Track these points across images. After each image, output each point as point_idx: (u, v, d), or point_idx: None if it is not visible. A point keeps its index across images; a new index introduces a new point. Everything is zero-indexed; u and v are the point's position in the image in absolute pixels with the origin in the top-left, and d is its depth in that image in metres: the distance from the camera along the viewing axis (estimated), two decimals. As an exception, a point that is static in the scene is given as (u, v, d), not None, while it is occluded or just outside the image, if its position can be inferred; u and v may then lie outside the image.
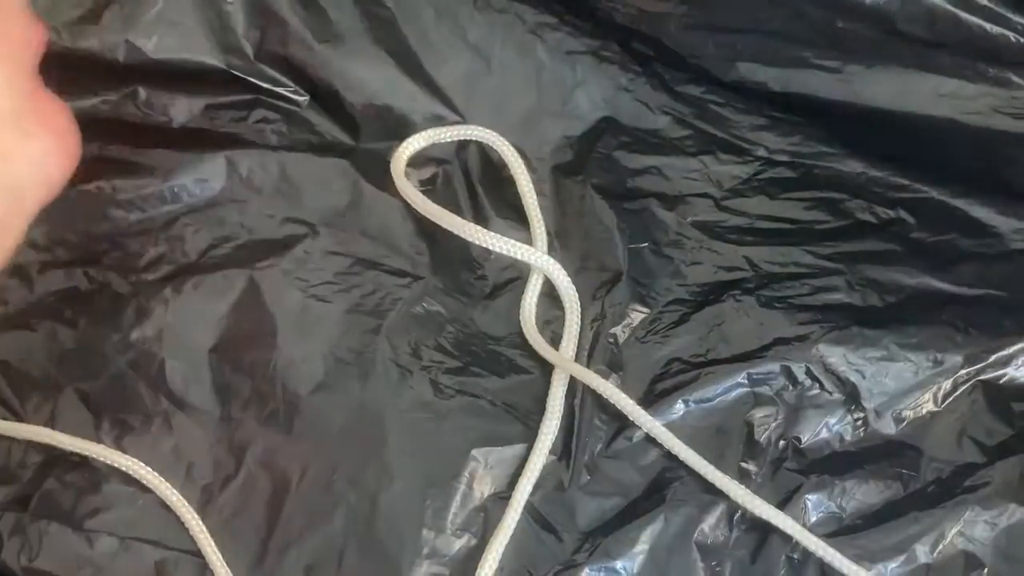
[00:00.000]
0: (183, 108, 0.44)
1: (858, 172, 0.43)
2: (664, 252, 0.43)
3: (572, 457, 0.39)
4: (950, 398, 0.39)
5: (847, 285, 0.42)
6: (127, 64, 0.43)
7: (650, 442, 0.39)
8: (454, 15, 0.45)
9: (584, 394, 0.40)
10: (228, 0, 0.44)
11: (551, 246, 0.43)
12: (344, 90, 0.45)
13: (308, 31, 0.44)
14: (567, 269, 0.42)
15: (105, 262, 0.43)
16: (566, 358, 0.40)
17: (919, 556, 0.37)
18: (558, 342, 0.41)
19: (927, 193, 0.42)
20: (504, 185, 0.44)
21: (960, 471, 0.38)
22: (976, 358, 0.39)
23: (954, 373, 0.39)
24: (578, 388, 0.40)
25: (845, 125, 0.43)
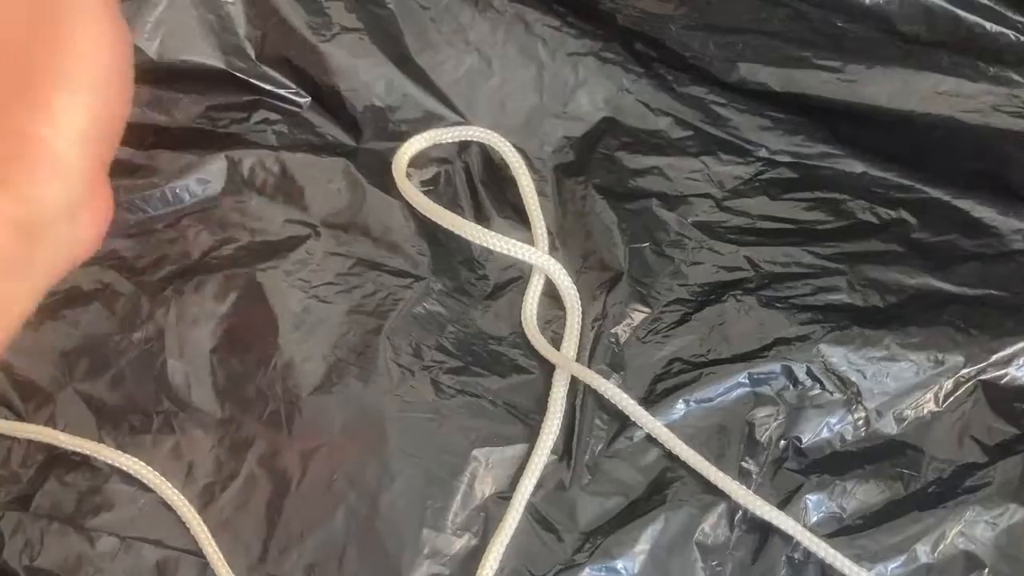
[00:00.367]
0: (185, 109, 0.45)
1: (859, 172, 0.43)
2: (665, 252, 0.43)
3: (573, 457, 0.39)
4: (951, 398, 0.39)
5: (848, 285, 0.41)
6: (129, 65, 0.43)
7: (651, 442, 0.39)
8: (455, 16, 0.45)
9: (585, 394, 0.40)
10: (230, 1, 0.44)
11: (552, 246, 0.43)
12: (346, 91, 0.45)
13: (310, 32, 0.45)
14: (568, 269, 0.42)
15: (107, 262, 0.43)
16: (567, 358, 0.40)
17: (920, 556, 0.36)
18: (559, 342, 0.41)
19: (928, 193, 0.42)
20: (505, 185, 0.44)
21: (961, 471, 0.38)
22: (977, 358, 0.39)
23: (955, 373, 0.39)
24: (579, 388, 0.40)
25: (846, 125, 0.43)
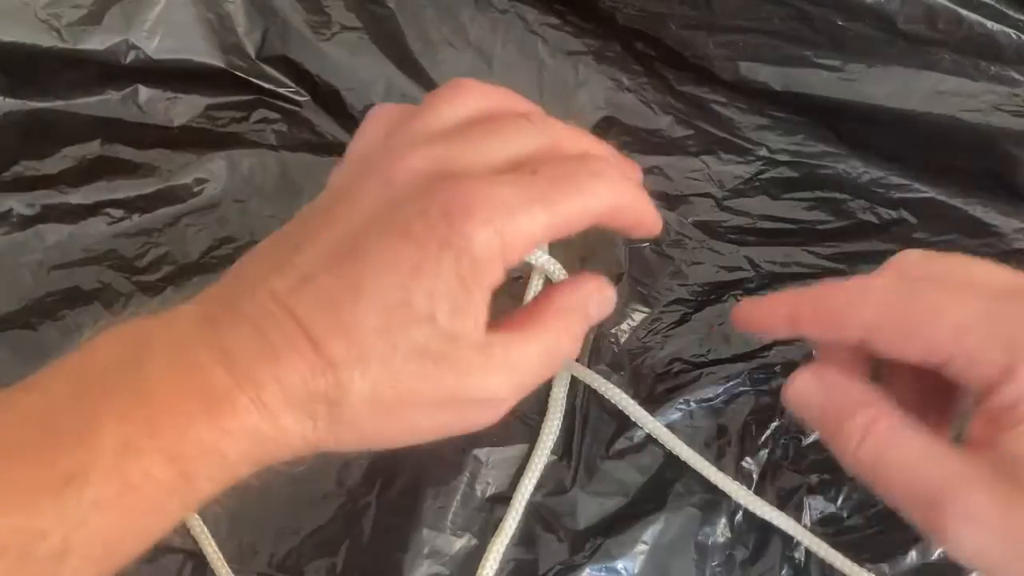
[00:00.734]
0: (184, 108, 0.44)
1: (860, 172, 0.43)
2: (665, 252, 0.43)
3: (573, 457, 0.39)
4: (952, 398, 0.39)
5: (849, 285, 0.41)
6: (128, 64, 0.43)
7: (651, 442, 0.39)
8: (455, 15, 0.45)
9: (585, 394, 0.40)
10: (229, 0, 0.44)
11: (551, 245, 0.43)
12: (345, 90, 0.45)
13: (309, 31, 0.44)
14: (568, 269, 0.42)
15: (107, 262, 0.43)
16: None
17: (919, 556, 0.36)
18: (559, 342, 0.41)
19: (929, 193, 0.42)
20: (505, 185, 0.44)
21: (962, 471, 0.38)
22: (978, 358, 0.39)
23: (956, 373, 0.39)
24: (579, 388, 0.40)
25: (847, 124, 0.43)
